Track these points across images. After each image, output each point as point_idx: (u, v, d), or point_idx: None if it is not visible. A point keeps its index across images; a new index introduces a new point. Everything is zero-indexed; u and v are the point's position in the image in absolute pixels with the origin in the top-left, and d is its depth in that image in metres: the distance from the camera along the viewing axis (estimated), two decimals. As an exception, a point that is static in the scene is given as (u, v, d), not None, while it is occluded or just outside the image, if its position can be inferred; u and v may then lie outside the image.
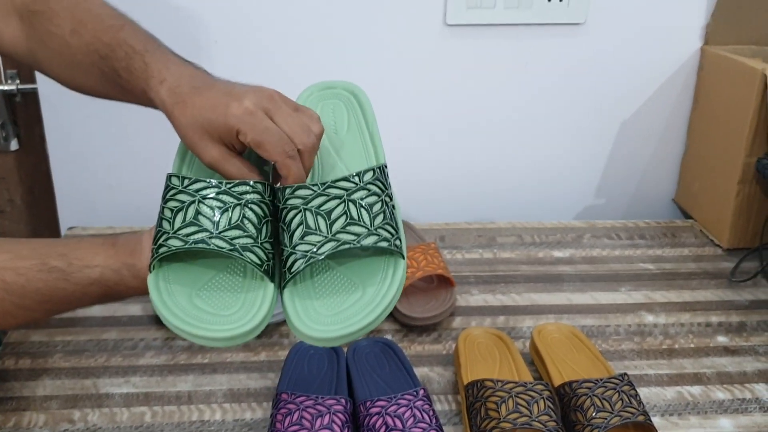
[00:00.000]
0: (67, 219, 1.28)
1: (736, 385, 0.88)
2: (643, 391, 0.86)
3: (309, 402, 0.74)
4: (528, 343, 0.93)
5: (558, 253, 1.17)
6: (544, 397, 0.75)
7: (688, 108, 1.26)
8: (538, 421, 0.72)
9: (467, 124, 1.25)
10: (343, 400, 0.75)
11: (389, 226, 0.62)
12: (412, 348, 0.94)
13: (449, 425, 0.81)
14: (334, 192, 0.62)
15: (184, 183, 0.62)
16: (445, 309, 0.97)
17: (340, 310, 0.60)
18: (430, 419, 0.73)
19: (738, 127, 1.10)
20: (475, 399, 0.77)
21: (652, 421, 0.75)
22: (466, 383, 0.81)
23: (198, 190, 0.61)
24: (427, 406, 0.75)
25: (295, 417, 0.73)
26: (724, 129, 1.16)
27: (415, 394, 0.76)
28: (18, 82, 1.24)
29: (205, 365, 0.90)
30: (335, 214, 0.61)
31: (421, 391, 0.77)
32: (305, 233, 0.60)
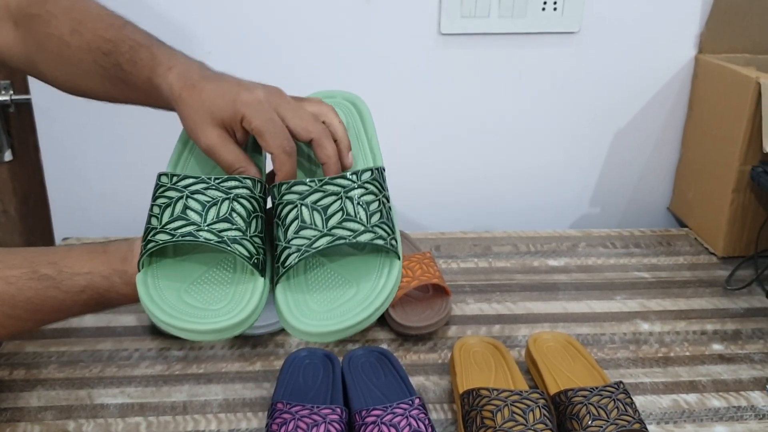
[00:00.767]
0: (62, 229, 1.27)
1: (731, 393, 0.88)
2: (639, 399, 0.86)
3: (305, 411, 0.74)
4: (523, 351, 0.93)
5: (553, 262, 1.17)
6: (539, 406, 0.75)
7: (682, 116, 1.27)
8: (534, 430, 0.72)
9: (462, 133, 1.25)
10: (338, 410, 0.75)
11: (385, 225, 0.62)
12: (408, 357, 0.93)
13: (445, 434, 0.81)
14: (331, 189, 0.62)
15: (173, 180, 0.62)
16: (441, 318, 0.97)
17: (334, 306, 0.59)
18: (426, 428, 0.73)
19: (732, 136, 1.11)
20: (470, 408, 0.77)
21: (648, 429, 0.75)
22: (461, 392, 0.81)
23: (186, 186, 0.62)
24: (422, 415, 0.75)
25: (291, 426, 0.72)
26: (718, 137, 1.16)
27: (410, 403, 0.76)
28: (12, 92, 1.24)
29: (200, 375, 0.89)
30: (331, 210, 0.61)
31: (417, 400, 0.77)
32: (300, 228, 0.60)
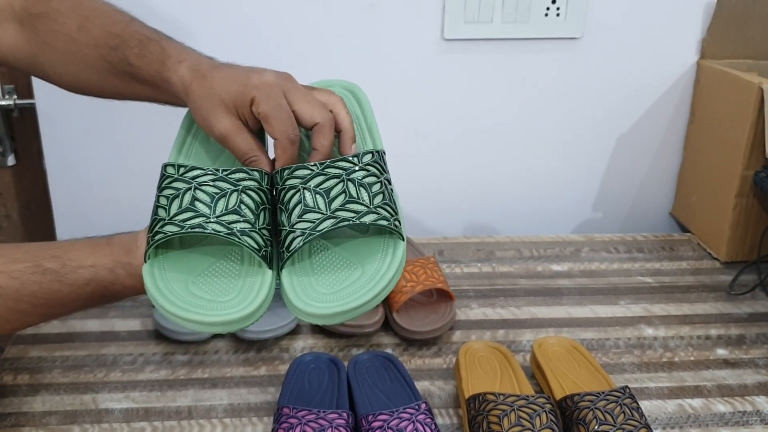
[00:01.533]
0: (65, 234, 1.27)
1: (736, 398, 0.88)
2: (644, 404, 0.86)
3: (311, 416, 0.74)
4: (528, 356, 0.93)
5: (557, 267, 1.17)
6: (546, 410, 0.75)
7: (684, 122, 1.27)
8: (541, 435, 0.72)
9: (465, 138, 1.25)
10: (345, 414, 0.75)
11: (388, 206, 0.62)
12: (413, 362, 0.93)
13: (451, 439, 0.81)
14: (333, 171, 0.62)
15: (180, 171, 0.62)
16: (445, 323, 0.97)
17: (340, 288, 0.60)
18: (433, 433, 0.73)
19: (735, 141, 1.11)
20: (477, 412, 0.77)
21: (654, 433, 0.75)
22: (467, 397, 0.81)
23: (194, 177, 0.61)
24: (429, 420, 0.75)
25: (297, 431, 0.72)
26: (720, 142, 1.16)
27: (416, 407, 0.76)
28: (15, 97, 1.24)
29: (205, 380, 0.89)
30: (334, 193, 0.61)
31: (423, 405, 0.77)
32: (304, 211, 0.60)
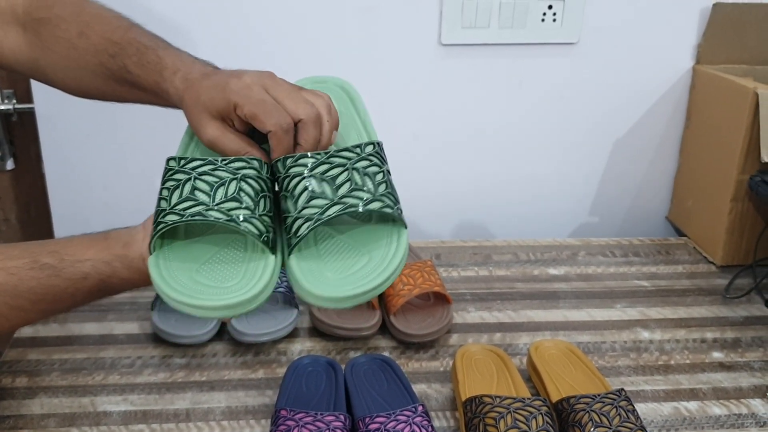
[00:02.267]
0: (63, 238, 1.28)
1: (732, 401, 0.88)
2: (640, 406, 0.86)
3: (308, 418, 0.74)
4: (524, 359, 0.94)
5: (553, 271, 1.17)
6: (542, 413, 0.75)
7: (680, 126, 1.28)
8: (537, 437, 0.73)
9: (462, 142, 1.26)
10: (342, 417, 0.75)
11: (391, 195, 0.63)
12: (410, 365, 0.94)
13: (448, 441, 0.81)
14: (337, 161, 0.63)
15: (181, 163, 0.63)
16: (442, 326, 0.97)
17: (349, 273, 0.60)
18: (429, 435, 0.74)
19: (730, 145, 1.12)
20: (473, 415, 0.77)
21: (649, 436, 0.76)
22: (464, 399, 0.81)
23: (194, 168, 0.62)
24: (426, 422, 0.75)
25: (295, 433, 0.73)
26: (716, 147, 1.17)
27: (413, 410, 0.76)
28: (14, 101, 1.25)
29: (203, 383, 0.90)
30: (340, 180, 0.62)
31: (420, 408, 0.77)
32: (311, 197, 0.61)
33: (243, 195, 0.61)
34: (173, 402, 0.86)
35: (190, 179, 0.61)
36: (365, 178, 0.63)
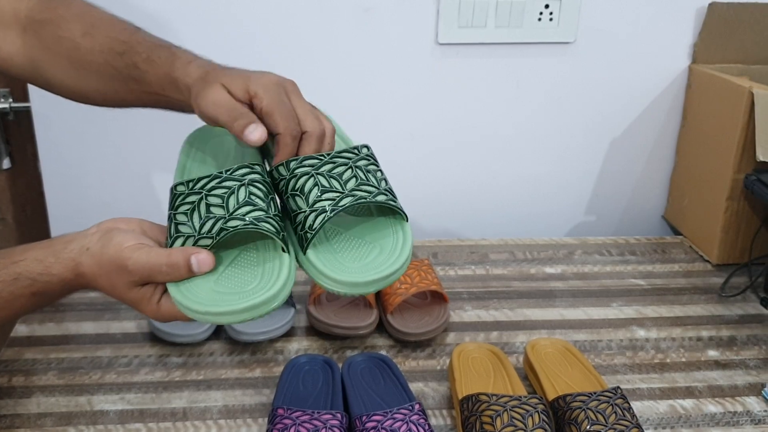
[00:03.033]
0: (60, 237, 1.28)
1: (727, 399, 0.89)
2: (636, 404, 0.87)
3: (305, 417, 0.74)
4: (521, 358, 0.94)
5: (550, 269, 1.18)
6: (538, 411, 0.76)
7: (676, 125, 1.28)
8: (533, 435, 0.73)
9: (458, 142, 1.26)
10: (339, 415, 0.75)
11: (392, 191, 0.66)
12: (407, 363, 0.94)
13: (444, 440, 0.81)
14: (340, 160, 0.66)
15: (190, 186, 0.64)
16: (439, 325, 0.98)
17: (366, 262, 0.63)
18: (426, 433, 0.74)
19: (726, 144, 1.12)
20: (470, 413, 0.78)
21: (645, 434, 0.76)
22: (460, 398, 0.81)
23: (203, 187, 0.63)
24: (422, 421, 0.75)
25: (292, 432, 0.73)
26: (712, 146, 1.17)
27: (410, 408, 0.77)
28: (11, 100, 1.24)
29: (200, 382, 0.90)
30: (346, 177, 0.64)
31: (417, 406, 0.77)
32: (323, 191, 0.63)
33: (254, 198, 0.62)
34: (170, 401, 0.87)
35: (202, 198, 0.63)
36: (368, 174, 0.65)
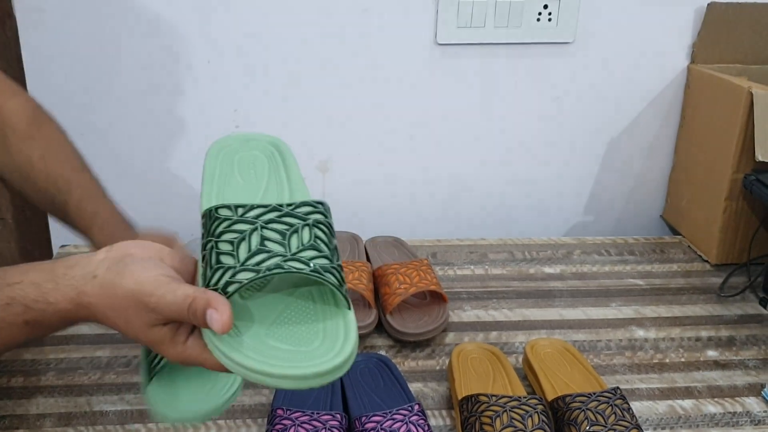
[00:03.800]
0: (60, 238, 1.27)
1: (727, 399, 0.89)
2: (635, 405, 0.87)
3: (304, 417, 0.74)
4: (521, 358, 0.94)
5: (549, 269, 1.18)
6: (538, 411, 0.76)
7: (675, 125, 1.28)
8: (533, 435, 0.73)
9: (457, 142, 1.26)
10: (338, 416, 0.76)
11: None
12: (406, 363, 0.94)
13: (444, 440, 0.81)
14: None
15: (239, 212, 0.56)
16: (438, 325, 0.98)
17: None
18: (426, 434, 0.74)
19: (725, 144, 1.12)
20: (469, 414, 0.78)
21: (645, 434, 0.76)
22: (460, 398, 0.81)
23: (257, 217, 0.56)
24: (422, 421, 0.75)
25: (291, 432, 0.73)
26: (711, 146, 1.18)
27: (410, 409, 0.77)
28: (10, 100, 1.24)
29: (199, 382, 0.90)
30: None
31: (416, 407, 0.77)
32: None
33: (320, 243, 0.55)
34: (170, 401, 0.86)
35: (256, 229, 0.55)
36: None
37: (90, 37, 1.14)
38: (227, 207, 0.57)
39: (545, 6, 1.17)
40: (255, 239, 0.54)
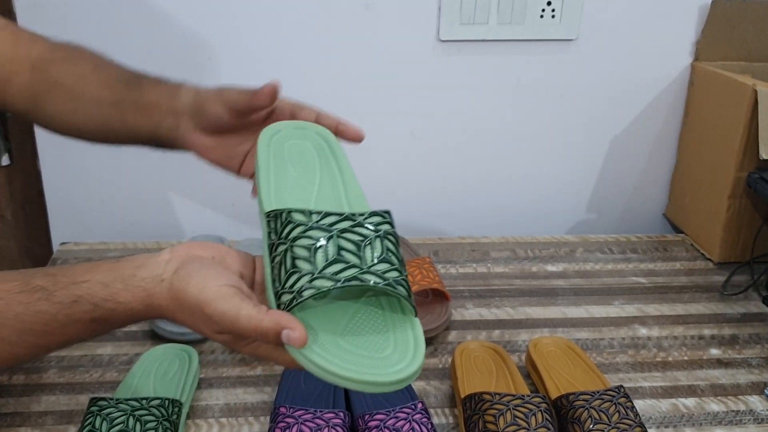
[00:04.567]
0: (60, 235, 1.27)
1: (730, 397, 0.89)
2: (639, 403, 0.86)
3: (308, 416, 0.74)
4: (524, 356, 0.94)
5: (551, 267, 1.17)
6: (541, 410, 0.75)
7: (678, 123, 1.28)
8: (537, 434, 0.73)
9: (460, 139, 1.26)
10: (341, 414, 0.75)
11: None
12: (409, 362, 0.93)
13: (447, 438, 0.81)
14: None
15: (313, 218, 0.57)
16: (441, 323, 0.97)
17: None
18: (429, 432, 0.74)
19: (728, 142, 1.12)
20: (473, 412, 0.77)
21: (649, 433, 0.76)
22: (463, 396, 0.81)
23: (332, 225, 0.57)
24: (425, 420, 0.75)
25: (294, 430, 0.73)
26: (714, 144, 1.17)
27: (413, 407, 0.76)
28: (11, 97, 1.24)
29: (201, 380, 0.89)
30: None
31: (419, 405, 0.77)
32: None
33: (391, 255, 0.57)
34: (171, 399, 0.86)
35: (332, 238, 0.56)
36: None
37: (90, 33, 1.14)
38: (301, 212, 0.58)
39: (549, 2, 1.16)
40: (332, 248, 0.56)
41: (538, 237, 1.27)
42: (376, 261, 0.56)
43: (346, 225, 0.57)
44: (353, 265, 0.55)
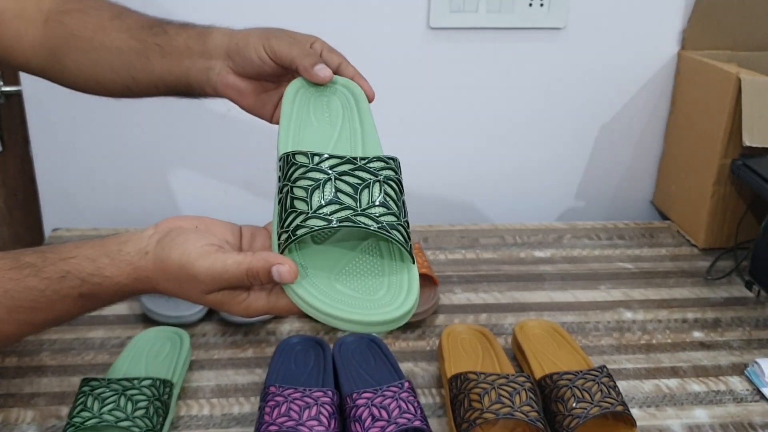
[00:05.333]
0: (51, 221, 1.28)
1: (711, 378, 0.90)
2: (622, 384, 0.88)
3: (297, 394, 0.75)
4: (510, 339, 0.95)
5: (539, 253, 1.19)
6: (525, 389, 0.77)
7: (665, 111, 1.29)
8: (521, 412, 0.74)
9: (449, 127, 1.27)
10: (330, 392, 0.77)
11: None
12: (397, 344, 0.95)
13: (433, 417, 0.82)
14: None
15: (314, 160, 0.58)
16: (429, 307, 0.99)
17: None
18: (415, 410, 0.75)
19: (713, 130, 1.13)
20: (458, 391, 0.79)
21: (630, 411, 0.77)
22: (449, 376, 0.82)
23: (332, 167, 0.58)
24: (412, 398, 0.77)
25: (284, 409, 0.74)
26: (700, 132, 1.19)
27: (400, 386, 0.78)
28: (1, 83, 1.24)
29: (192, 362, 0.90)
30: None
31: (406, 384, 0.78)
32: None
33: (389, 200, 0.57)
34: (163, 380, 0.87)
35: (330, 180, 0.57)
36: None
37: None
38: (304, 154, 0.59)
39: (537, -9, 1.17)
40: (328, 189, 0.56)
41: (527, 224, 1.28)
42: (372, 204, 0.56)
43: (346, 168, 0.58)
44: (348, 207, 0.56)
